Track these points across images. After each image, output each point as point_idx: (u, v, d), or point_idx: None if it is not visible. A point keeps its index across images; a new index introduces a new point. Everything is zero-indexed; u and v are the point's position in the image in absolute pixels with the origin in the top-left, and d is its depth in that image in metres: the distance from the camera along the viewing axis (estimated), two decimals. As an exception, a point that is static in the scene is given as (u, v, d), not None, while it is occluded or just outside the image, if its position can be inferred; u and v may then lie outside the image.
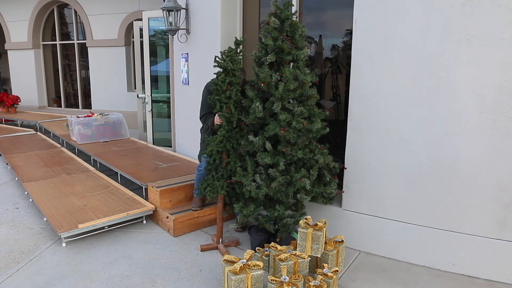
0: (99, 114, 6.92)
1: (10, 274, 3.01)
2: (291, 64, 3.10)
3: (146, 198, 4.14)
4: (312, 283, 2.62)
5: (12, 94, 10.65)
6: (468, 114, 2.82)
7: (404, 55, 2.99)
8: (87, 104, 10.50)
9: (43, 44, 10.88)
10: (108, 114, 6.95)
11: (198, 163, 3.93)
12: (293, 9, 3.72)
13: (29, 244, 3.49)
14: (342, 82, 3.85)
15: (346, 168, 3.38)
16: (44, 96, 11.12)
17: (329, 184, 3.22)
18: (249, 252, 2.80)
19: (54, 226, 3.46)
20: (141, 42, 6.55)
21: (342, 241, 3.08)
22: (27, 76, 10.90)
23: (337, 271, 2.75)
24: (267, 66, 3.05)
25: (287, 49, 2.97)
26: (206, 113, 3.55)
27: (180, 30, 4.93)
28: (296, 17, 3.10)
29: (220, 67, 3.17)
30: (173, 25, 4.77)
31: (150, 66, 6.31)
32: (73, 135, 6.60)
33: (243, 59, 4.32)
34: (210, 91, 3.37)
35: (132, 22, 8.08)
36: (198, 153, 3.72)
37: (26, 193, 4.62)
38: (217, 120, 3.27)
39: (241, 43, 3.19)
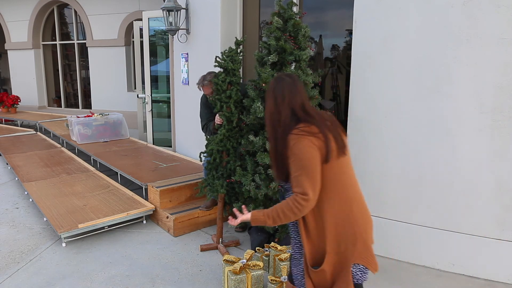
0: (99, 114, 6.92)
1: (10, 274, 3.01)
2: (294, 64, 3.10)
3: (146, 198, 4.14)
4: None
5: (12, 94, 10.65)
6: (468, 114, 2.82)
7: (404, 55, 2.99)
8: (87, 104, 10.50)
9: (43, 44, 10.88)
10: (108, 114, 6.95)
11: (200, 163, 3.94)
12: (296, 9, 3.72)
13: (29, 244, 3.49)
14: (342, 82, 3.85)
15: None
16: (44, 96, 11.12)
17: (329, 184, 3.22)
18: (249, 252, 2.80)
19: (54, 226, 3.46)
20: (141, 42, 6.55)
21: (342, 241, 3.07)
22: (27, 76, 10.90)
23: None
24: (269, 66, 3.05)
25: (289, 49, 2.97)
26: (206, 122, 3.66)
27: (180, 30, 4.93)
28: (300, 17, 3.09)
29: (220, 67, 3.18)
30: (173, 25, 4.77)
31: (150, 66, 6.31)
32: (73, 135, 6.60)
33: (243, 59, 4.33)
34: (204, 102, 3.68)
35: (132, 22, 8.09)
36: (198, 153, 3.74)
37: (26, 193, 4.62)
38: (217, 119, 3.28)
39: (241, 43, 3.19)
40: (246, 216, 1.79)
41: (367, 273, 1.79)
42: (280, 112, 1.77)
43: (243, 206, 1.89)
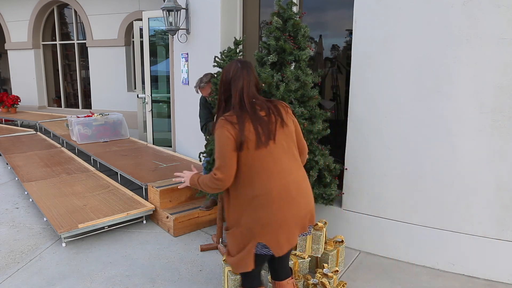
0: (99, 114, 6.92)
1: (10, 274, 3.01)
2: (293, 64, 3.09)
3: (146, 198, 4.14)
4: (310, 281, 2.62)
5: (12, 94, 10.66)
6: (468, 114, 2.82)
7: (404, 55, 2.99)
8: (87, 104, 10.50)
9: (43, 44, 10.88)
10: (108, 114, 6.95)
11: (200, 163, 3.95)
12: (296, 9, 3.72)
13: (29, 244, 3.49)
14: (342, 82, 3.85)
15: (347, 169, 3.38)
16: (44, 96, 11.12)
17: (329, 185, 3.22)
18: (249, 252, 2.79)
19: (54, 226, 3.47)
20: (141, 42, 6.55)
21: (342, 241, 3.08)
22: (27, 76, 10.90)
23: (337, 271, 2.75)
24: (269, 66, 3.05)
25: (289, 49, 2.97)
26: (205, 123, 3.69)
27: (180, 30, 4.93)
28: (299, 17, 3.09)
29: (219, 67, 3.18)
30: (173, 25, 4.77)
31: (150, 66, 6.31)
32: (73, 135, 6.60)
33: (243, 59, 4.32)
34: (203, 102, 3.74)
35: (132, 22, 8.09)
36: (198, 153, 3.75)
37: (26, 193, 4.62)
38: (217, 120, 3.29)
39: (240, 43, 3.20)
40: (186, 175, 2.10)
41: (267, 248, 1.93)
42: (223, 90, 1.98)
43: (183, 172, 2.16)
